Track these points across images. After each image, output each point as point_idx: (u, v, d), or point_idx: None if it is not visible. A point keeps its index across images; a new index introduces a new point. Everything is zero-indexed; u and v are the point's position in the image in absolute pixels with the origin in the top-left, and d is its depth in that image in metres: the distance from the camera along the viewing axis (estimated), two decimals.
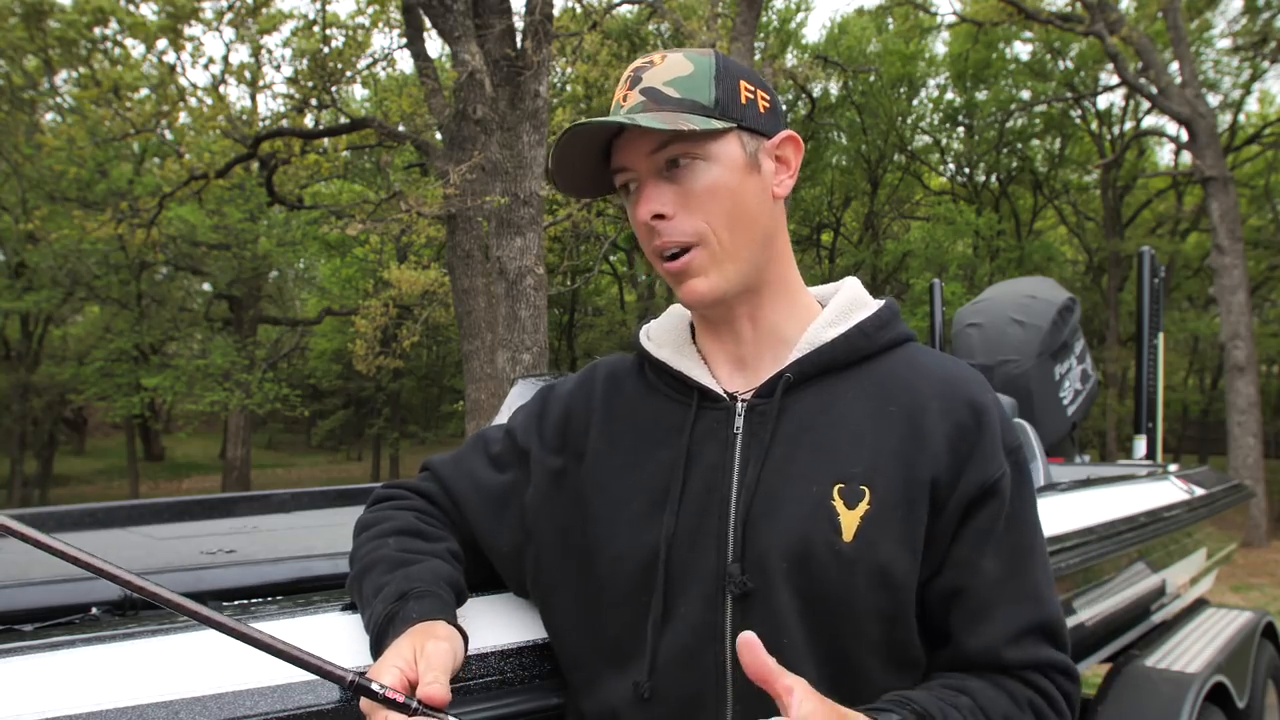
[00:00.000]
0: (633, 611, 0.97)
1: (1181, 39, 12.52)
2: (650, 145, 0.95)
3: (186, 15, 10.24)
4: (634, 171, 0.98)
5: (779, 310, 1.03)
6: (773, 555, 0.93)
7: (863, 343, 1.01)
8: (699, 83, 0.97)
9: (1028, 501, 1.00)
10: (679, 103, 0.95)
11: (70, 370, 17.96)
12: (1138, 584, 2.57)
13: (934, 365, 1.02)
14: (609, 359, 1.15)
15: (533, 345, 7.66)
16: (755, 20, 10.35)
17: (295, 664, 0.78)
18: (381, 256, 16.15)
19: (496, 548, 1.09)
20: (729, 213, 0.96)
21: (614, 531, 1.00)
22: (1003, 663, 0.95)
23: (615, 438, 1.04)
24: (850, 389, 0.99)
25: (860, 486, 0.93)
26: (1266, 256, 18.74)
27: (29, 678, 0.85)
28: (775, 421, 0.98)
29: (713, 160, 0.96)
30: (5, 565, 1.54)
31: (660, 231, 0.96)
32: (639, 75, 0.98)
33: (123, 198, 13.28)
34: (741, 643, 0.76)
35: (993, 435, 0.97)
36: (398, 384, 22.13)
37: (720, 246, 0.97)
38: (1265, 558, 10.38)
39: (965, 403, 0.98)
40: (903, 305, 20.02)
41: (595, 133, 0.96)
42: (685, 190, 0.96)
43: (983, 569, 0.95)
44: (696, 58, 0.99)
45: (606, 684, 1.00)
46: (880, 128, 20.60)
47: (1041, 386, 3.69)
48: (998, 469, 0.96)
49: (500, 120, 7.75)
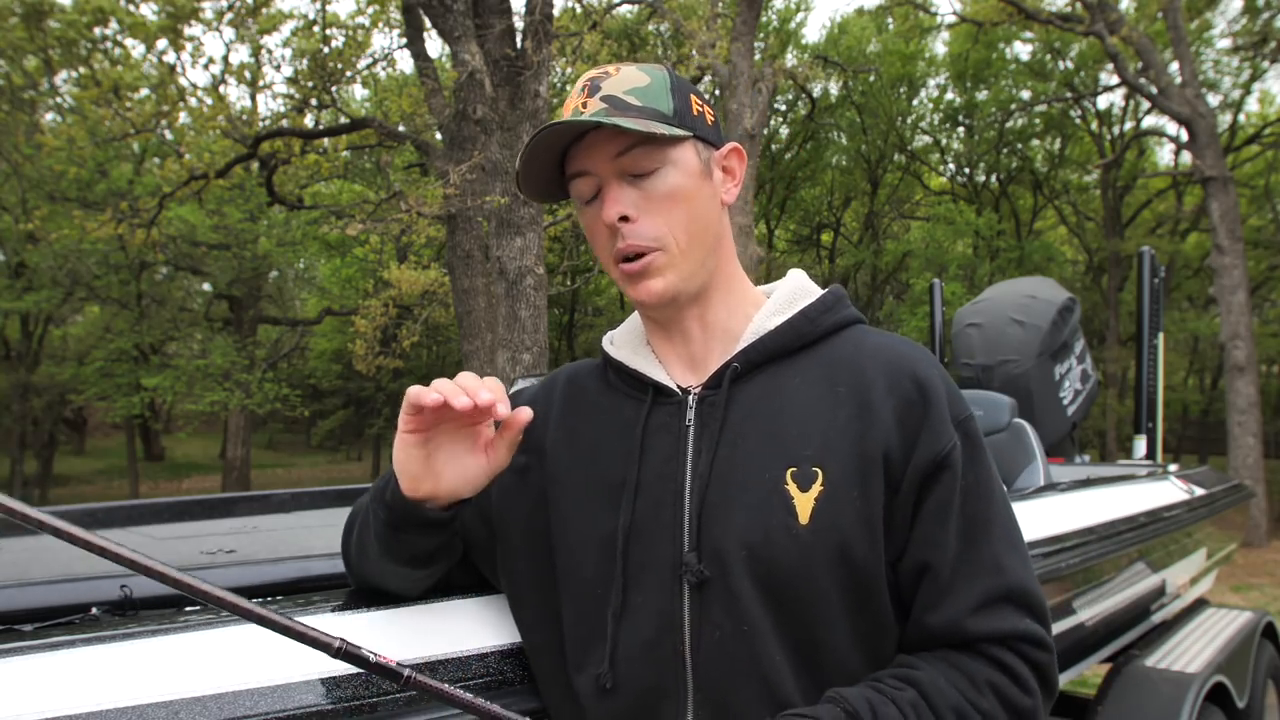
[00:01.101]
0: (591, 603, 0.99)
1: (1181, 39, 12.52)
2: (615, 149, 0.97)
3: (186, 15, 10.24)
4: (595, 175, 0.99)
5: (725, 307, 1.06)
6: (729, 543, 0.94)
7: (807, 328, 1.03)
8: (657, 93, 1.00)
9: (983, 471, 0.99)
10: (641, 110, 0.98)
11: (70, 370, 17.95)
12: (1138, 584, 2.57)
13: (880, 344, 1.03)
14: (575, 364, 1.18)
15: (533, 345, 7.66)
16: (755, 20, 10.35)
17: (282, 633, 0.79)
18: (381, 256, 16.15)
19: (471, 540, 1.11)
20: (687, 217, 0.99)
21: (570, 524, 1.02)
22: (966, 636, 0.94)
23: (573, 434, 1.07)
24: (797, 374, 1.01)
25: (812, 469, 0.94)
26: (1266, 256, 18.73)
27: (29, 678, 0.85)
28: (724, 411, 0.99)
29: (673, 166, 0.99)
30: (5, 565, 1.54)
31: (624, 234, 0.98)
32: (597, 84, 1.00)
33: (123, 198, 13.28)
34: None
35: (939, 408, 0.97)
36: (398, 384, 22.09)
37: (678, 250, 0.99)
38: (1265, 558, 10.38)
39: (910, 377, 0.98)
40: (903, 305, 20.05)
41: (561, 134, 0.98)
42: (648, 194, 0.98)
43: (942, 543, 0.95)
44: (651, 71, 1.02)
45: (569, 676, 1.01)
46: (880, 128, 20.60)
47: (1041, 386, 3.69)
48: (948, 441, 0.96)
49: (500, 120, 7.75)
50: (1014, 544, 0.99)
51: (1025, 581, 0.96)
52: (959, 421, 0.98)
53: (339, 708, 0.96)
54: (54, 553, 1.73)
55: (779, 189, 21.46)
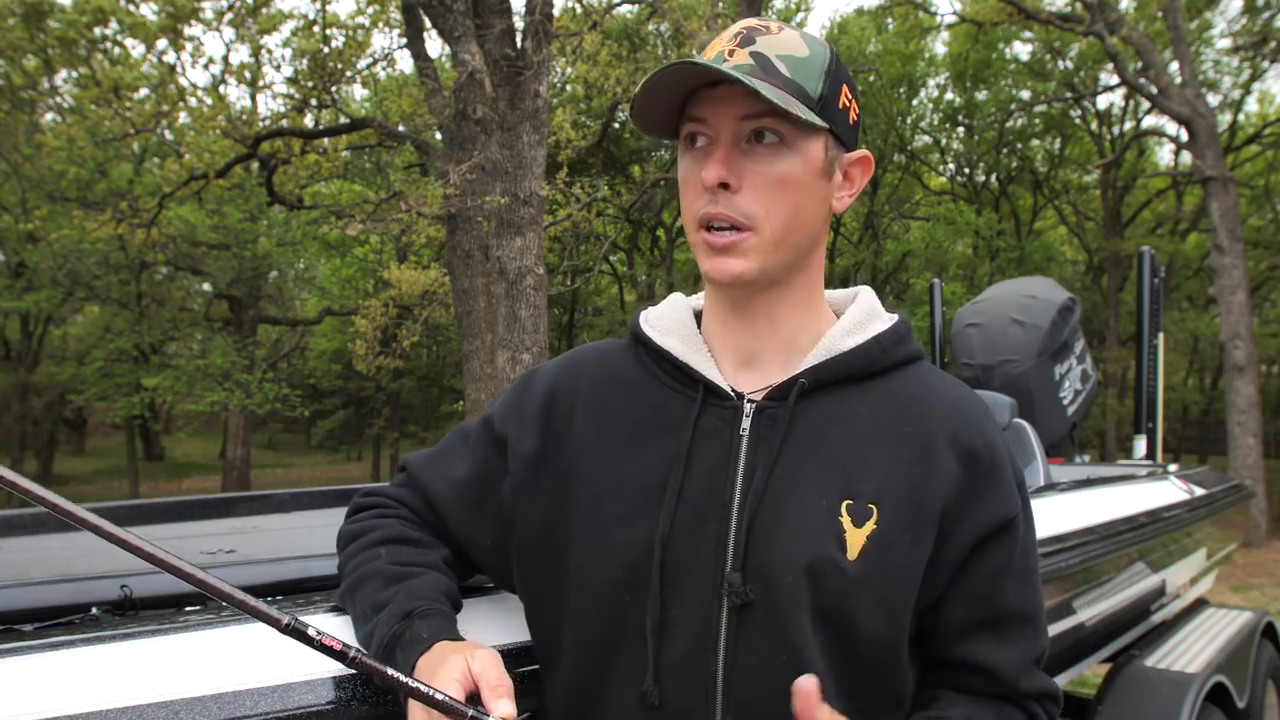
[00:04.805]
0: (617, 609, 0.93)
1: (1181, 39, 12.52)
2: (744, 110, 0.89)
3: (186, 15, 10.24)
4: (712, 128, 0.92)
5: (797, 314, 0.99)
6: (776, 567, 0.90)
7: (879, 356, 0.98)
8: (811, 70, 0.92)
9: (1033, 532, 1.02)
10: (787, 81, 0.90)
11: (70, 370, 17.96)
12: (1138, 584, 2.57)
13: (946, 390, 1.00)
14: (600, 344, 1.09)
15: (533, 345, 7.66)
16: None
17: (234, 605, 0.80)
18: (381, 256, 16.16)
19: (479, 544, 1.05)
20: (791, 209, 0.92)
21: (601, 524, 0.95)
22: (1018, 692, 0.97)
23: (606, 425, 0.99)
24: (863, 403, 0.96)
25: (868, 505, 0.91)
26: (1266, 256, 18.74)
27: (29, 678, 0.85)
28: (787, 427, 0.94)
29: (796, 152, 0.91)
30: (5, 565, 1.54)
31: (719, 200, 0.91)
32: (752, 35, 0.92)
33: (123, 198, 13.29)
34: (798, 691, 0.80)
35: (1006, 470, 0.97)
36: (398, 384, 22.11)
37: (769, 238, 0.92)
38: (1265, 558, 10.38)
39: (979, 434, 0.97)
40: (903, 305, 20.04)
41: (694, 75, 0.90)
42: (760, 170, 0.91)
43: (1002, 604, 0.97)
44: (814, 45, 0.94)
45: (592, 686, 0.95)
46: (880, 128, 20.58)
47: (1041, 386, 3.69)
48: (1014, 507, 0.97)
49: (500, 120, 7.75)
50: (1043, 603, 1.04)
51: (1048, 643, 1.02)
52: (1019, 483, 1.00)
53: (339, 708, 0.96)
54: (54, 552, 1.73)
55: None
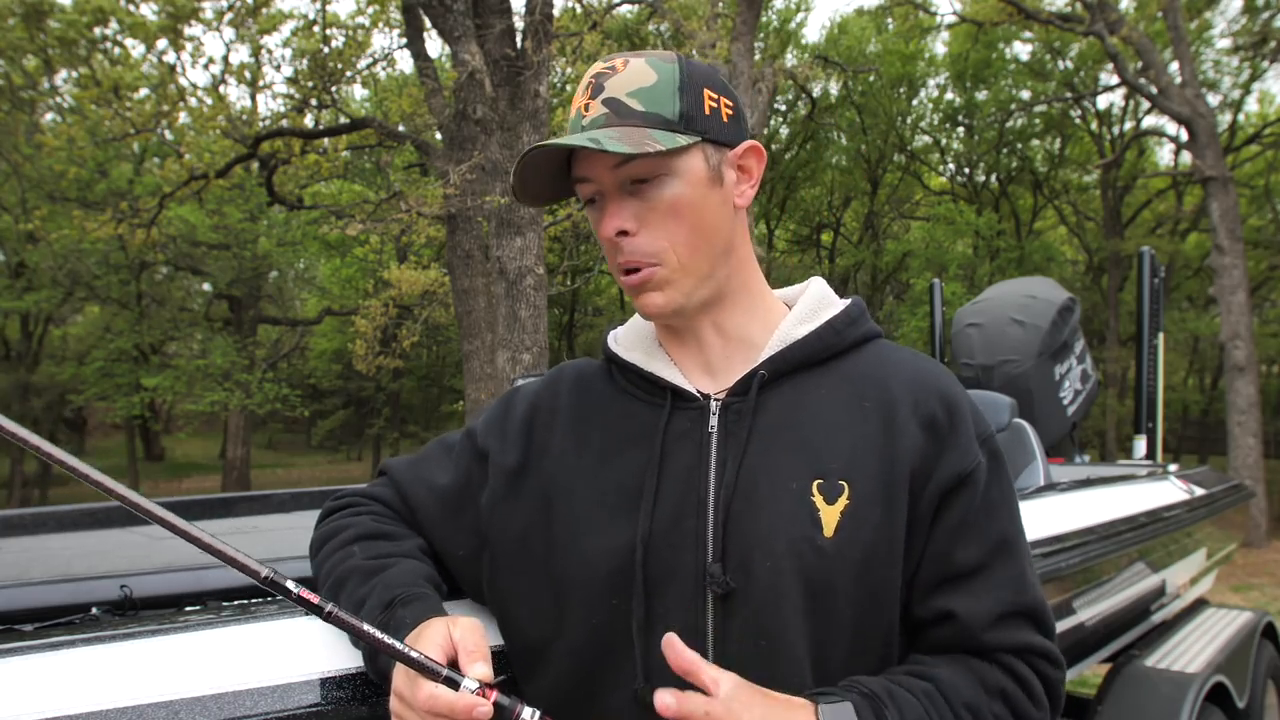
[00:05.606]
0: (605, 615, 0.95)
1: (1181, 39, 12.52)
2: (614, 159, 0.94)
3: (186, 15, 10.24)
4: (596, 183, 0.97)
5: (744, 315, 1.03)
6: (755, 553, 0.92)
7: (833, 339, 1.02)
8: (662, 94, 0.95)
9: (1004, 489, 1.00)
10: (642, 116, 0.94)
11: (70, 370, 17.97)
12: (1138, 584, 2.57)
13: (903, 361, 1.03)
14: (576, 362, 1.13)
15: (533, 345, 7.66)
16: (755, 20, 10.35)
17: (215, 555, 0.81)
18: (381, 256, 16.18)
19: (451, 553, 1.07)
20: (690, 229, 0.96)
21: (582, 533, 0.98)
22: (981, 645, 0.95)
23: (583, 438, 1.03)
24: (823, 385, 1.00)
25: (839, 481, 0.94)
26: (1266, 256, 18.74)
27: (29, 678, 0.86)
28: (752, 418, 0.97)
29: (675, 176, 0.95)
30: (5, 565, 1.54)
31: (623, 249, 0.96)
32: (601, 83, 0.96)
33: (123, 198, 13.30)
34: (665, 642, 0.82)
35: (965, 426, 0.98)
36: (398, 384, 22.14)
37: (680, 264, 0.96)
38: (1265, 558, 10.38)
39: (936, 395, 0.99)
40: (903, 305, 20.05)
41: (552, 153, 0.96)
42: (648, 207, 0.95)
43: (961, 557, 0.96)
44: (660, 65, 0.97)
45: (584, 692, 0.97)
46: (880, 128, 20.60)
47: (1041, 386, 3.69)
48: (973, 459, 0.97)
49: (500, 120, 7.75)
50: (1030, 562, 1.01)
51: (1042, 601, 0.99)
52: (983, 439, 1.00)
53: (339, 708, 0.96)
54: (54, 552, 1.74)
55: (779, 189, 21.45)
